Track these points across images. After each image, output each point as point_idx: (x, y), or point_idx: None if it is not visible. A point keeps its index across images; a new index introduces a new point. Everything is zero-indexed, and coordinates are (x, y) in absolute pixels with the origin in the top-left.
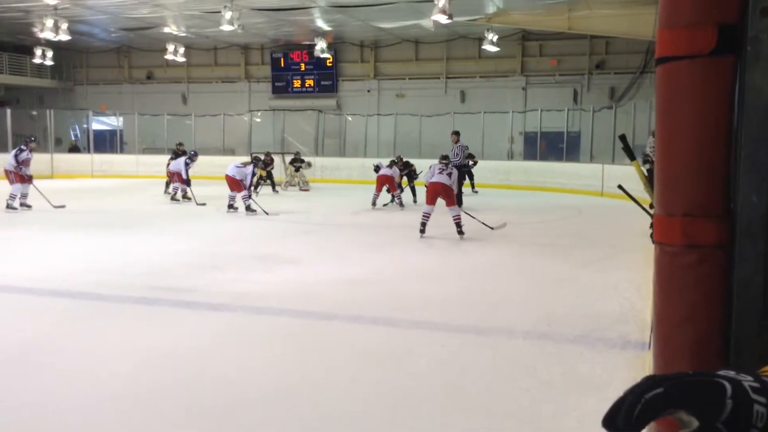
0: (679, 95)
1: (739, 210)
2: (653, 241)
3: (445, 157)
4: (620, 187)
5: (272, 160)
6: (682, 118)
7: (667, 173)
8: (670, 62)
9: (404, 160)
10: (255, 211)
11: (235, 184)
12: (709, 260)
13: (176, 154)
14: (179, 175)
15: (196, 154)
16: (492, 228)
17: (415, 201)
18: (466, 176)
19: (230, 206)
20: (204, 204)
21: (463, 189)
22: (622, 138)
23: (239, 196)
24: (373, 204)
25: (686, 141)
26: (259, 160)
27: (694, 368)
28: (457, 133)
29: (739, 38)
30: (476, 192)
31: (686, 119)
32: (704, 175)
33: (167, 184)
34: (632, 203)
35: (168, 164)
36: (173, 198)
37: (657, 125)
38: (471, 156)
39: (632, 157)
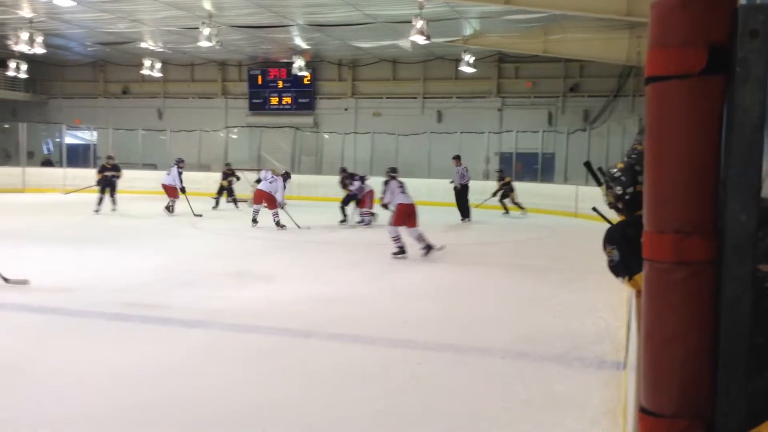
0: (669, 114)
1: (728, 228)
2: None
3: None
4: (594, 209)
5: (232, 172)
6: (671, 137)
7: (658, 191)
8: (660, 82)
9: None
10: (172, 212)
11: (170, 189)
12: (700, 276)
13: (104, 168)
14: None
15: (182, 161)
16: (436, 248)
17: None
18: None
19: (167, 207)
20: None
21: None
22: (587, 164)
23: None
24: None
25: (676, 159)
26: (183, 161)
27: (684, 384)
28: (458, 157)
29: (728, 58)
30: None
31: (676, 138)
32: (694, 192)
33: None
34: (606, 224)
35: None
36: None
37: (647, 143)
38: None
39: (599, 183)
